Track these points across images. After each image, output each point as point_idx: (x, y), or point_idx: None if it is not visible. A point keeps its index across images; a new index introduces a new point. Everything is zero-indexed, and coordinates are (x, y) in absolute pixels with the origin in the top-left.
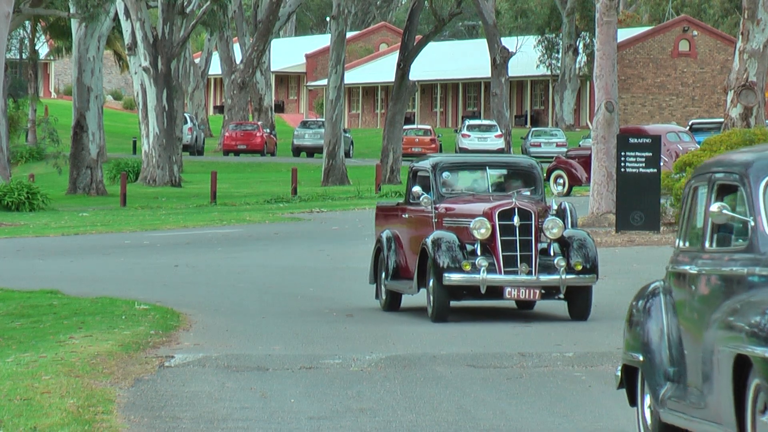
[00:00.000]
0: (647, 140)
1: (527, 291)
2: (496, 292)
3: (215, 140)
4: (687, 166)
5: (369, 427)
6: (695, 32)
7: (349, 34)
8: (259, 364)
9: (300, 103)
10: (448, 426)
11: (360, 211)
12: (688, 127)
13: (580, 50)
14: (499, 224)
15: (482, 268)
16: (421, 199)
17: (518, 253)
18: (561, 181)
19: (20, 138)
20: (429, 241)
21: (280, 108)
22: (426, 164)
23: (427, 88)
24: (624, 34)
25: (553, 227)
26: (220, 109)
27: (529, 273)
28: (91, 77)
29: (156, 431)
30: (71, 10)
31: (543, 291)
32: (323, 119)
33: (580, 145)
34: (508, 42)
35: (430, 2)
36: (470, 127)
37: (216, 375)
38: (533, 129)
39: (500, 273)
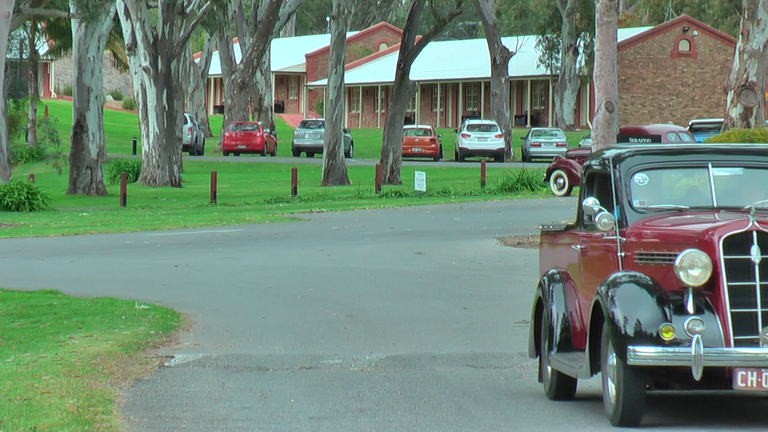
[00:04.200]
0: (647, 140)
1: None
2: (720, 377)
3: (215, 140)
4: None
5: (369, 427)
6: (695, 32)
7: (349, 34)
8: (259, 364)
9: (300, 103)
10: (448, 426)
11: (360, 211)
12: (688, 127)
13: (580, 50)
14: (725, 260)
15: (695, 337)
16: (596, 218)
17: (759, 309)
18: (561, 181)
19: (20, 138)
20: (603, 288)
21: (280, 108)
22: (605, 161)
23: (427, 88)
24: (624, 34)
25: None
26: (220, 109)
27: None
28: (91, 77)
29: (156, 431)
30: (71, 10)
31: None
32: (323, 119)
33: (580, 145)
34: (508, 42)
35: (430, 2)
36: (470, 127)
37: (216, 375)
38: (533, 129)
39: (727, 344)
